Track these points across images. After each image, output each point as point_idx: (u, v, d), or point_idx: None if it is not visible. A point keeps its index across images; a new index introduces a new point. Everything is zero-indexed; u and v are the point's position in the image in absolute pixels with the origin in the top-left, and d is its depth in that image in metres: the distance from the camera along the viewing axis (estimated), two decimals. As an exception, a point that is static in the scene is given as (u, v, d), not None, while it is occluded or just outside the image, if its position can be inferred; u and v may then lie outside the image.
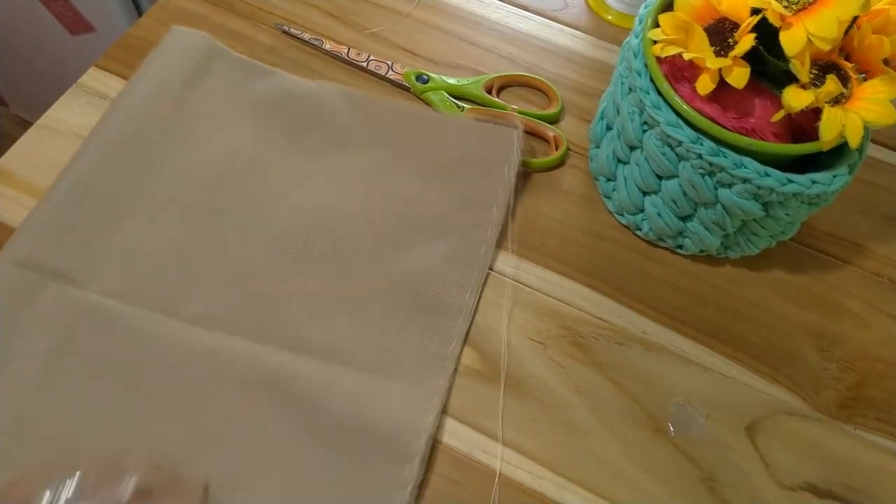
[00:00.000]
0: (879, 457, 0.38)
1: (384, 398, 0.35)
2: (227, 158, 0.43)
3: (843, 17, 0.30)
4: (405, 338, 0.37)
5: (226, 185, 0.42)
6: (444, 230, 0.41)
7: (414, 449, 0.34)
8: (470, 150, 0.43)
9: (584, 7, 0.55)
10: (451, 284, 0.39)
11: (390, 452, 0.34)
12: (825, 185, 0.34)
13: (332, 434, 0.34)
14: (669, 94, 0.35)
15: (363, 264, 0.39)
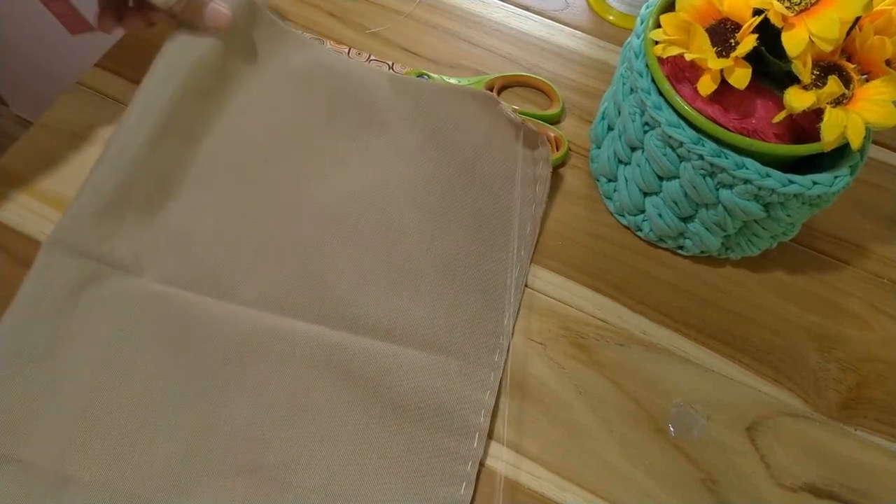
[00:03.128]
0: (880, 457, 0.38)
1: (443, 375, 0.36)
2: (270, 133, 0.42)
3: (845, 17, 0.30)
4: (458, 315, 0.38)
5: (270, 161, 0.42)
6: (478, 218, 0.41)
7: (473, 424, 0.35)
8: (497, 144, 0.43)
9: (585, 7, 0.55)
10: (494, 262, 0.40)
11: (452, 428, 0.35)
12: (826, 186, 0.34)
13: (394, 411, 0.35)
14: (671, 94, 0.35)
15: (412, 243, 0.40)
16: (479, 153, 0.42)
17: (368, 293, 0.38)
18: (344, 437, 0.34)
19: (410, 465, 0.34)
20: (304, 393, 0.35)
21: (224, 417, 0.34)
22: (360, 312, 0.37)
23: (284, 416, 0.34)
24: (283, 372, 0.35)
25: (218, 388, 0.35)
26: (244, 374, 0.35)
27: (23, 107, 1.23)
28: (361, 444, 0.34)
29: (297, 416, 0.34)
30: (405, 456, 0.34)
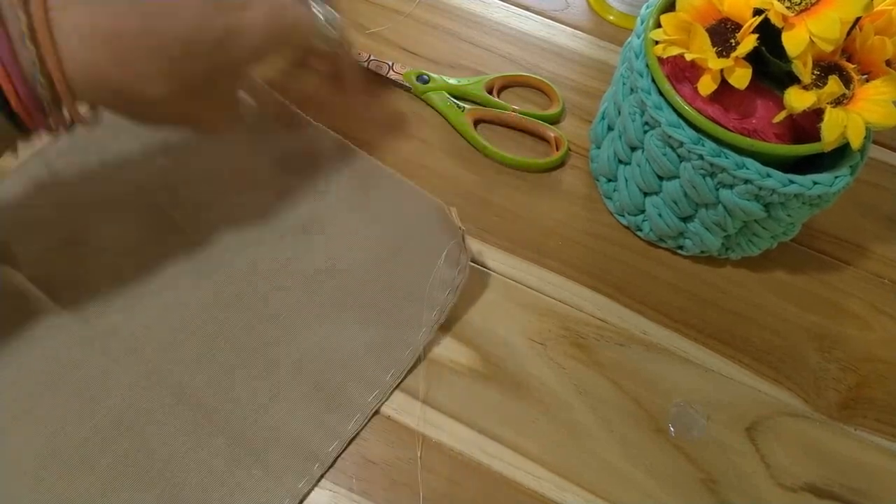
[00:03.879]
0: (880, 458, 0.38)
1: (239, 486, 0.33)
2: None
3: (845, 17, 0.30)
4: (286, 418, 0.35)
5: (179, 201, 0.40)
6: (378, 317, 0.38)
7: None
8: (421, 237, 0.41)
9: (585, 7, 0.55)
10: (360, 380, 0.36)
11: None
12: (827, 186, 0.34)
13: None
14: (671, 94, 0.35)
15: (285, 328, 0.37)
16: (408, 245, 0.40)
17: (208, 366, 0.36)
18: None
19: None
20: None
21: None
22: (191, 381, 0.35)
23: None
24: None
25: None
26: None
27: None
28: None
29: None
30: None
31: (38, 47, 0.25)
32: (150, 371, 0.35)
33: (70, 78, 0.26)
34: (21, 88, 0.25)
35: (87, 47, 0.26)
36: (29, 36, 0.25)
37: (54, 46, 0.25)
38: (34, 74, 0.25)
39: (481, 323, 0.40)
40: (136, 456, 0.32)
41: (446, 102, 0.47)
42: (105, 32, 0.26)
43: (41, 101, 0.25)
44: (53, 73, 0.25)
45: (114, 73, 0.26)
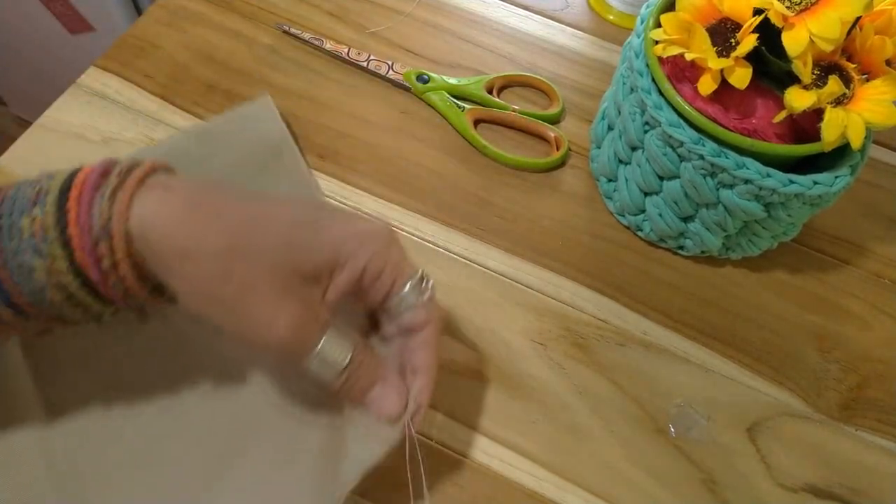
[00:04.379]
0: (880, 458, 0.38)
1: None
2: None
3: (845, 17, 0.30)
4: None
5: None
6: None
7: None
8: None
9: (585, 7, 0.55)
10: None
11: None
12: (827, 186, 0.34)
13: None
14: (671, 94, 0.35)
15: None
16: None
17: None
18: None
19: None
20: None
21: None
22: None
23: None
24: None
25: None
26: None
27: (22, 107, 1.23)
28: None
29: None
30: None
31: (112, 206, 0.26)
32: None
33: (132, 230, 0.26)
34: (86, 240, 0.25)
35: (165, 204, 0.26)
36: (109, 194, 0.26)
37: (129, 203, 0.26)
38: (98, 231, 0.26)
39: (481, 323, 0.40)
40: None
41: (446, 102, 0.47)
42: (192, 200, 0.27)
43: (100, 259, 0.26)
44: (115, 232, 0.26)
45: (181, 226, 0.26)
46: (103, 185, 0.26)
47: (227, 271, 0.27)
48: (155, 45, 0.48)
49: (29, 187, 0.26)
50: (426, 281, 0.31)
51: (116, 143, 0.43)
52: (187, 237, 0.26)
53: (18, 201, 0.26)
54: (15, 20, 0.94)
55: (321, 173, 0.44)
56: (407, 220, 0.43)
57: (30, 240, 0.25)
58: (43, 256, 0.25)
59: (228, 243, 0.27)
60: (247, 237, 0.27)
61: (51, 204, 0.25)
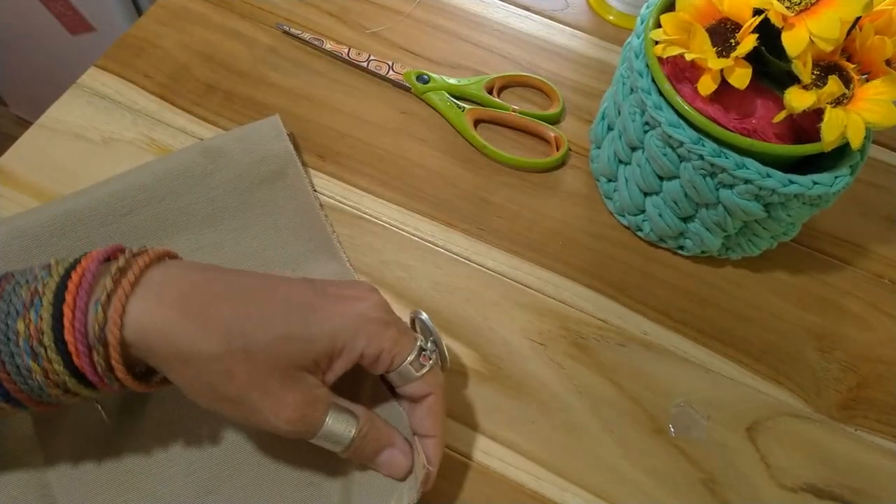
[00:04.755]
0: (880, 458, 0.38)
1: None
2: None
3: (845, 17, 0.30)
4: None
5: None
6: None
7: None
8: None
9: (585, 7, 0.55)
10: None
11: None
12: (827, 186, 0.34)
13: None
14: (671, 94, 0.35)
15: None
16: None
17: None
18: None
19: None
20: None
21: None
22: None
23: None
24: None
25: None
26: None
27: (22, 107, 1.23)
28: None
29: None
30: None
31: (107, 313, 0.26)
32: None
33: (127, 339, 0.26)
34: (82, 348, 0.26)
35: (159, 307, 0.27)
36: (103, 301, 0.26)
37: (123, 312, 0.26)
38: (94, 339, 0.26)
39: (481, 323, 0.40)
40: None
41: (446, 102, 0.47)
42: (186, 302, 0.27)
43: (96, 365, 0.26)
44: (110, 341, 0.26)
45: (177, 330, 0.27)
46: (98, 288, 0.26)
47: (228, 372, 0.27)
48: (155, 45, 0.48)
49: (25, 285, 0.26)
50: (428, 350, 0.32)
51: (116, 144, 0.43)
52: (185, 342, 0.27)
53: (14, 302, 0.26)
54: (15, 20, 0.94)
55: (321, 173, 0.44)
56: (407, 220, 0.43)
57: (25, 344, 0.25)
58: (39, 360, 0.26)
59: (226, 346, 0.27)
60: (243, 337, 0.28)
61: (46, 308, 0.26)
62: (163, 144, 0.44)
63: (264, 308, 0.29)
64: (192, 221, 0.40)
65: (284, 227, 0.41)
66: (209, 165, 0.40)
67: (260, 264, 0.40)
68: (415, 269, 0.41)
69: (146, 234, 0.39)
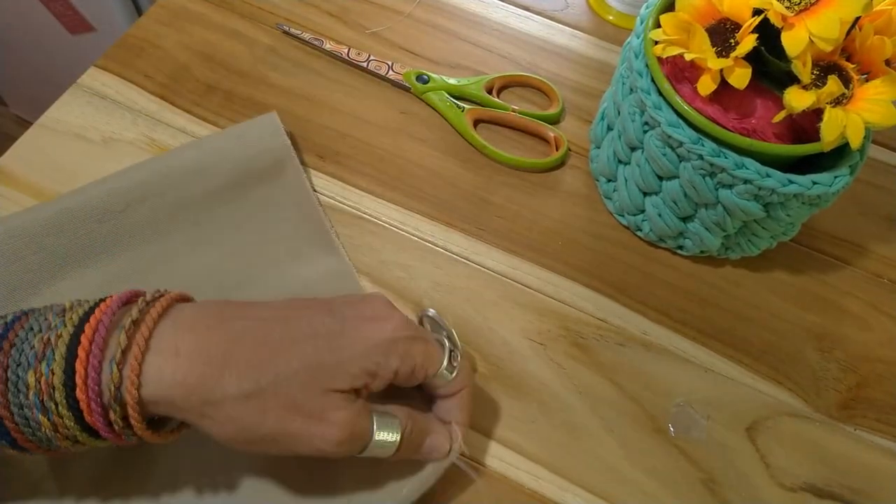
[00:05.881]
0: (880, 457, 0.38)
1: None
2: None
3: (845, 17, 0.30)
4: None
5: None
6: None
7: None
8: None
9: (585, 7, 0.55)
10: None
11: None
12: (826, 185, 0.34)
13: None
14: (670, 94, 0.35)
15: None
16: None
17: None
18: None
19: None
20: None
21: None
22: None
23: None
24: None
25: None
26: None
27: (22, 107, 1.23)
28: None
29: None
30: None
31: (122, 373, 0.25)
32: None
33: (147, 397, 0.26)
34: (95, 406, 0.25)
35: (177, 360, 0.26)
36: (118, 360, 0.25)
37: (140, 371, 0.25)
38: (109, 399, 0.25)
39: (481, 323, 0.40)
40: None
41: (446, 102, 0.47)
42: (205, 348, 0.27)
43: (112, 422, 0.26)
44: (128, 401, 0.25)
45: (202, 380, 0.26)
46: (111, 343, 0.26)
47: (261, 409, 0.27)
48: (155, 45, 0.48)
49: (38, 334, 0.26)
50: (454, 355, 0.32)
51: (116, 144, 0.44)
52: (212, 389, 0.26)
53: (26, 351, 0.25)
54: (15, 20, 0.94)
55: (321, 173, 0.44)
56: (407, 220, 0.43)
57: (36, 398, 0.25)
58: (49, 415, 0.25)
59: (255, 384, 0.27)
60: (273, 372, 0.27)
61: (58, 363, 0.25)
62: (163, 144, 0.44)
63: (288, 341, 0.28)
64: (188, 217, 0.40)
65: (283, 221, 0.41)
66: (206, 161, 0.40)
67: (258, 258, 0.40)
68: (414, 269, 0.41)
69: (142, 231, 0.39)
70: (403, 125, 0.47)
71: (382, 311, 0.30)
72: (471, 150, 0.46)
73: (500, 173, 0.45)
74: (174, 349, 0.26)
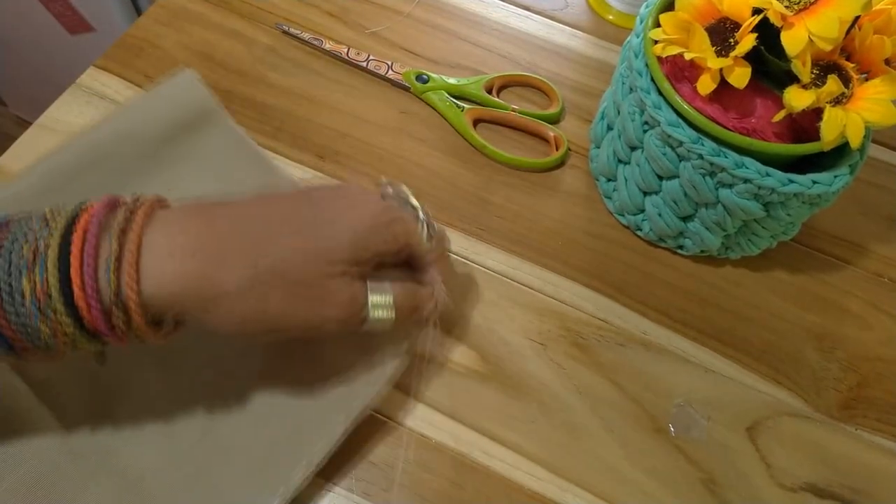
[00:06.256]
0: (880, 457, 0.38)
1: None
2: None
3: (844, 16, 0.30)
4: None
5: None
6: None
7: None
8: None
9: (584, 7, 0.55)
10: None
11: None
12: (826, 185, 0.34)
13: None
14: (670, 93, 0.35)
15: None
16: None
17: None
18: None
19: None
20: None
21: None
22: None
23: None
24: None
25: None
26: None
27: (22, 107, 1.23)
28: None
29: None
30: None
31: (119, 278, 0.25)
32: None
33: (147, 299, 0.26)
34: (96, 312, 0.25)
35: (172, 262, 0.27)
36: (114, 267, 0.25)
37: (137, 276, 0.26)
38: (109, 303, 0.26)
39: (481, 323, 0.40)
40: None
41: (446, 102, 0.47)
42: (198, 247, 0.27)
43: (115, 325, 0.26)
44: (130, 304, 0.26)
45: (200, 277, 0.27)
46: (102, 248, 0.26)
47: (262, 297, 0.28)
48: (155, 45, 0.48)
49: (25, 242, 0.25)
50: (431, 227, 0.33)
51: (116, 144, 0.43)
52: (211, 285, 0.27)
53: (15, 255, 0.25)
54: (15, 20, 0.94)
55: (321, 173, 0.44)
56: (406, 219, 0.43)
57: (33, 304, 0.25)
58: (49, 322, 0.25)
59: (253, 272, 0.27)
60: (267, 261, 0.28)
61: (52, 268, 0.25)
62: (162, 144, 0.44)
63: (277, 234, 0.29)
64: (130, 181, 0.40)
65: (222, 161, 0.42)
66: (133, 126, 0.41)
67: (201, 189, 0.40)
68: (414, 268, 0.41)
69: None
70: (403, 125, 0.47)
71: (361, 198, 0.31)
72: (471, 150, 0.46)
73: (500, 173, 0.45)
74: (168, 250, 0.27)
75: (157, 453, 0.33)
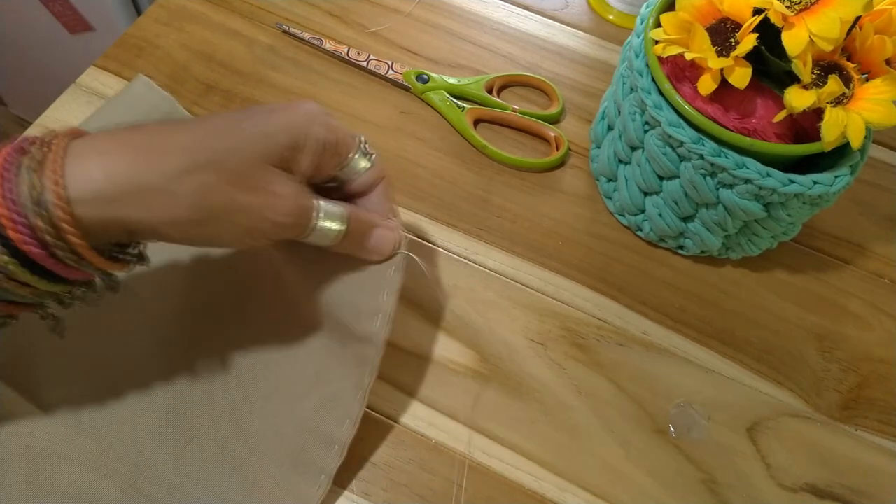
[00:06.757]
0: (881, 458, 0.38)
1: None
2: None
3: (845, 17, 0.30)
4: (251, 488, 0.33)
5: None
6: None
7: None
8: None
9: (585, 6, 0.55)
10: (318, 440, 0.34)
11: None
12: (827, 185, 0.34)
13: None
14: (671, 94, 0.35)
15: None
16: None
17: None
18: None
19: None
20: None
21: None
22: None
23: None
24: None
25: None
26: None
27: (22, 107, 1.23)
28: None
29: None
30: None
31: (42, 179, 0.24)
32: (106, 448, 0.33)
33: (77, 207, 0.24)
34: (18, 218, 0.23)
35: (101, 156, 0.25)
36: (35, 167, 0.24)
37: (62, 174, 0.24)
38: (30, 204, 0.23)
39: (481, 323, 0.40)
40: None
41: (446, 102, 0.47)
42: (127, 144, 0.26)
43: (46, 242, 0.24)
44: (57, 212, 0.24)
45: (133, 166, 0.25)
46: (24, 158, 0.24)
47: (204, 184, 0.26)
48: (155, 45, 0.48)
49: None
50: (366, 142, 0.33)
51: (116, 143, 0.43)
52: (148, 172, 0.25)
53: None
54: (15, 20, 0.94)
55: (321, 173, 0.44)
56: (407, 220, 0.43)
57: None
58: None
59: (192, 159, 0.26)
60: (206, 149, 0.27)
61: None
62: (162, 144, 0.44)
63: (212, 125, 0.28)
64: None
65: None
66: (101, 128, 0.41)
67: None
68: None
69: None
70: (403, 125, 0.47)
71: (295, 102, 0.31)
72: (471, 150, 0.46)
73: (500, 173, 0.45)
74: (95, 149, 0.25)
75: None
